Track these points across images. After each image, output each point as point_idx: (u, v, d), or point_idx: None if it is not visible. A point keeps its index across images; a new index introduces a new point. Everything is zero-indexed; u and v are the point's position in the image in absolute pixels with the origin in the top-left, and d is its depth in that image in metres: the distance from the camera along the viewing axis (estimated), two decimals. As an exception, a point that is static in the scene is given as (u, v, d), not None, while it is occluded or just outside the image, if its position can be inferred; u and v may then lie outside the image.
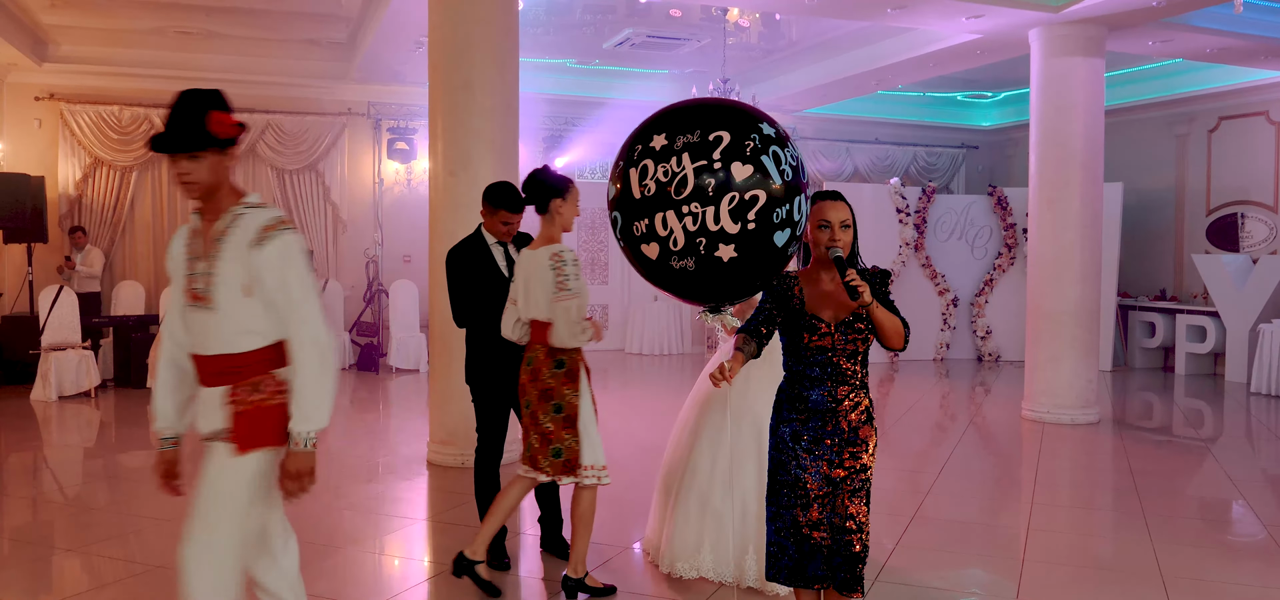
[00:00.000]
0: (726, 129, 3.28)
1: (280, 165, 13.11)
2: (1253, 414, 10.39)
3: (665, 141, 3.37)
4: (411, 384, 12.14)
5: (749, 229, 3.22)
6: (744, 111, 3.38)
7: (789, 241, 3.31)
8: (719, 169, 3.24)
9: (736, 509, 4.88)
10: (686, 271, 3.37)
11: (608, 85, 13.98)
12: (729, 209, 3.22)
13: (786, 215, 3.24)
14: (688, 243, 3.31)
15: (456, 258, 5.04)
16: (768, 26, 11.87)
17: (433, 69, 7.57)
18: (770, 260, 3.30)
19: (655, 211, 3.37)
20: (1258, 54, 10.62)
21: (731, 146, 3.25)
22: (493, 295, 4.90)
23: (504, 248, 5.04)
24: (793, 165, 3.28)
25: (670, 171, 3.32)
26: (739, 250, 3.24)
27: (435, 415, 7.69)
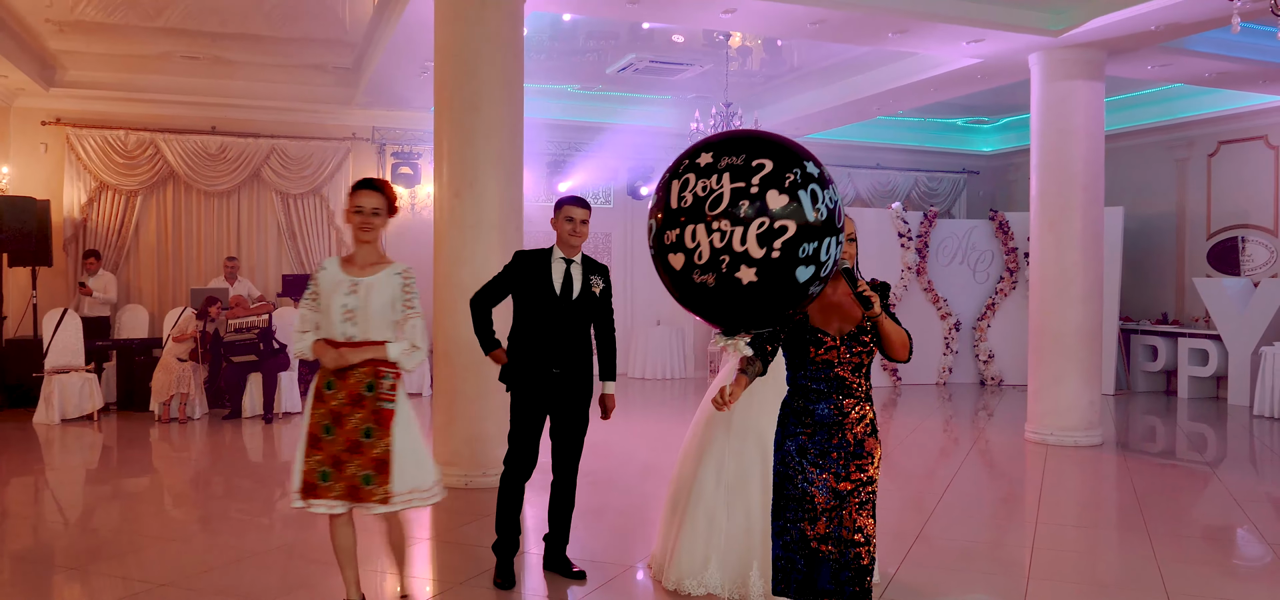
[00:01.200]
0: (771, 158, 3.32)
1: (285, 190, 13.17)
2: (1257, 437, 10.37)
3: (710, 159, 3.41)
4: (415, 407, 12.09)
5: (773, 257, 3.24)
6: (791, 149, 3.42)
7: (812, 279, 3.32)
8: (756, 193, 3.27)
9: (740, 524, 4.89)
10: (706, 287, 3.39)
11: (611, 110, 14.07)
12: (757, 233, 3.26)
13: (813, 252, 3.26)
14: (712, 258, 3.33)
15: (524, 260, 5.16)
16: (770, 52, 11.95)
17: (439, 90, 7.63)
18: (790, 293, 3.31)
19: (687, 223, 3.40)
20: (1256, 78, 10.69)
21: (771, 175, 3.28)
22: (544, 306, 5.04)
23: (567, 265, 5.09)
24: (830, 207, 3.32)
25: (708, 187, 3.36)
26: (759, 276, 3.26)
27: (439, 436, 7.69)
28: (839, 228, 3.35)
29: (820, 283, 3.37)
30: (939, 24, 8.67)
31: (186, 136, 12.68)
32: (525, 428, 5.10)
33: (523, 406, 5.10)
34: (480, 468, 7.46)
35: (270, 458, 9.28)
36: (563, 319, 5.06)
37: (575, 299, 5.08)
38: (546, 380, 5.03)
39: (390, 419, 4.19)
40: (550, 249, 5.12)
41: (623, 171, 14.60)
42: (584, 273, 5.12)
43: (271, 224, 13.30)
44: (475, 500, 7.09)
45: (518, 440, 5.12)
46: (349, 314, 4.18)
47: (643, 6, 8.17)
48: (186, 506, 7.35)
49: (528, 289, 5.07)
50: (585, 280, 5.12)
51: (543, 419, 5.11)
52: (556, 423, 5.13)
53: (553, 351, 5.04)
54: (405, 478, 4.21)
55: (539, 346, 5.03)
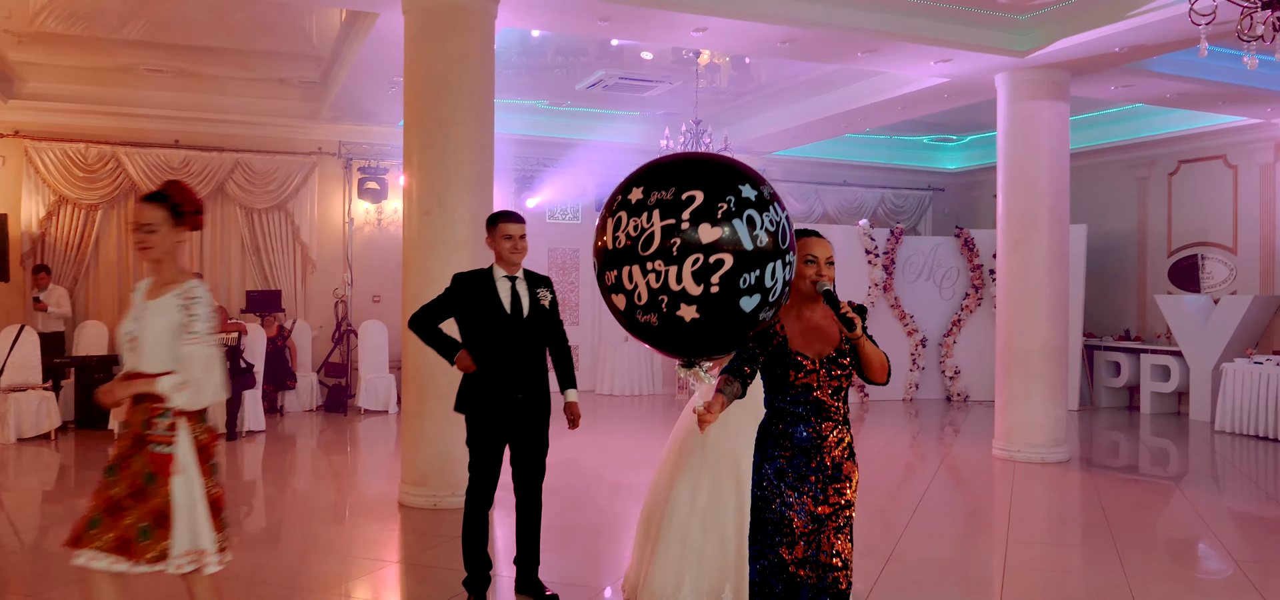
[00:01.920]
0: (702, 188, 3.27)
1: (249, 204, 13.00)
2: (1220, 452, 10.52)
3: (640, 195, 3.37)
4: (380, 425, 12.00)
5: (713, 292, 3.20)
6: (728, 171, 3.36)
7: (760, 306, 3.28)
8: (687, 229, 3.23)
9: (715, 547, 4.86)
10: (651, 326, 3.37)
11: (580, 126, 14.04)
12: (692, 270, 3.21)
13: (756, 281, 3.22)
14: (651, 300, 3.30)
15: (464, 282, 4.97)
16: (738, 70, 11.99)
17: (409, 107, 7.56)
18: (736, 324, 3.28)
19: (622, 264, 3.36)
20: (1216, 99, 10.87)
21: (703, 207, 3.24)
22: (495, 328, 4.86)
23: (511, 283, 4.93)
24: (770, 230, 3.25)
25: (640, 226, 3.31)
26: (701, 311, 3.23)
27: (407, 455, 7.59)
28: (784, 249, 3.30)
29: (771, 308, 3.34)
30: (908, 44, 8.73)
31: (149, 150, 12.48)
32: (487, 458, 4.92)
33: (484, 436, 4.89)
34: (449, 488, 7.37)
35: (233, 477, 9.12)
36: (518, 339, 4.90)
37: (527, 317, 4.92)
38: (509, 406, 4.86)
39: (168, 464, 3.54)
40: (490, 269, 4.93)
41: (591, 187, 14.56)
42: (530, 287, 4.97)
43: (235, 239, 13.12)
44: (443, 521, 7.00)
45: (480, 472, 4.94)
46: (131, 341, 3.67)
47: (614, 24, 8.16)
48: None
49: (474, 313, 4.88)
50: (533, 295, 4.97)
51: (504, 446, 4.95)
52: (519, 447, 4.97)
53: (513, 375, 4.86)
54: (185, 538, 3.56)
55: (497, 371, 4.84)
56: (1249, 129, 12.46)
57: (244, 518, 7.50)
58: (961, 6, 8.73)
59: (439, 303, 4.95)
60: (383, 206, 13.66)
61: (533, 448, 4.97)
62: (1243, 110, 11.52)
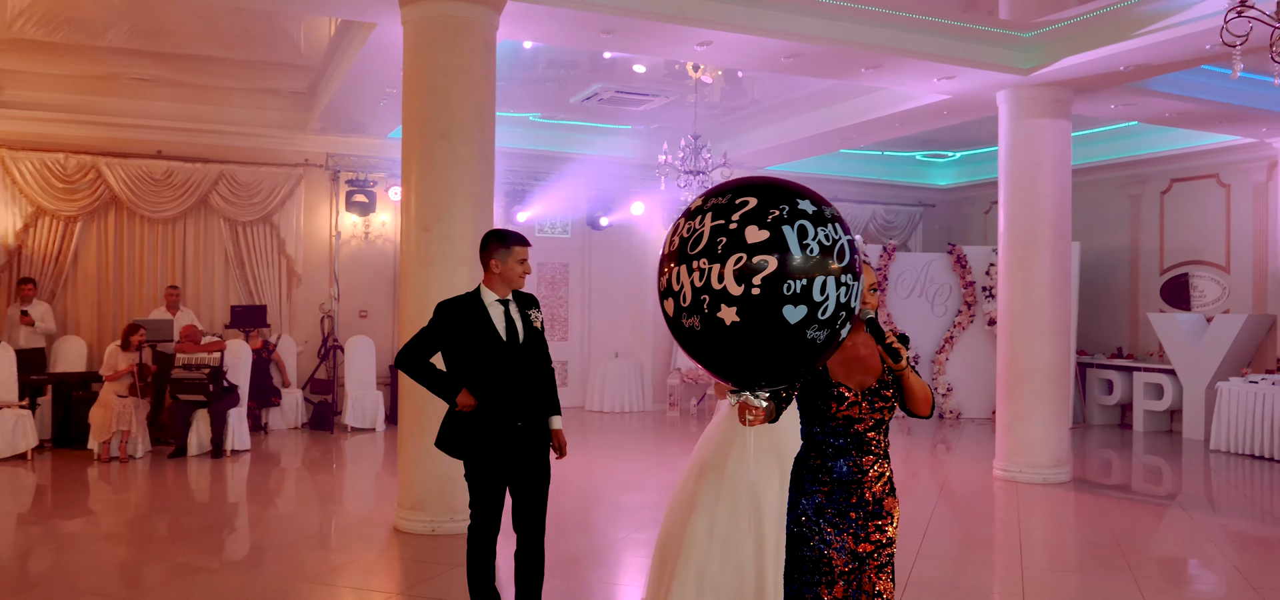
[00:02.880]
0: (758, 196, 3.14)
1: (233, 216, 12.72)
2: (1221, 473, 10.45)
3: (700, 204, 3.26)
4: (368, 444, 11.74)
5: (753, 294, 3.05)
6: (788, 189, 3.23)
7: (808, 321, 3.10)
8: (734, 228, 3.10)
9: (732, 581, 4.68)
10: (694, 331, 3.21)
11: (574, 140, 13.87)
12: (734, 269, 3.07)
13: (802, 290, 3.05)
14: (694, 299, 3.17)
15: (452, 310, 4.63)
16: (730, 84, 11.87)
17: (408, 120, 7.36)
18: (780, 335, 3.11)
19: (674, 265, 3.25)
20: (1212, 119, 10.85)
21: (754, 211, 3.11)
22: (491, 356, 4.56)
23: (504, 307, 4.64)
24: (824, 244, 3.10)
25: (692, 229, 3.20)
26: (742, 314, 3.08)
27: (404, 478, 7.36)
28: (839, 267, 3.13)
29: (823, 327, 3.15)
30: (912, 60, 8.63)
31: (130, 160, 12.19)
32: (491, 494, 4.59)
33: (485, 471, 4.56)
34: (448, 513, 7.15)
35: (218, 498, 8.85)
36: (516, 366, 4.57)
37: (522, 342, 4.60)
38: (510, 437, 4.55)
39: None
40: (478, 293, 4.61)
41: (582, 202, 14.39)
42: (521, 310, 4.66)
43: (219, 252, 12.83)
44: (443, 548, 6.78)
45: (485, 508, 4.60)
46: None
47: (617, 37, 8.00)
48: (126, 550, 6.92)
49: (466, 341, 4.53)
50: (525, 317, 4.66)
51: (506, 479, 4.63)
52: (521, 480, 4.62)
53: (514, 404, 4.55)
54: None
55: (497, 402, 4.52)
56: (1243, 148, 12.46)
57: (228, 540, 7.25)
58: (965, 24, 8.64)
59: (427, 336, 4.61)
60: (371, 220, 13.42)
61: (535, 480, 4.67)
62: (1238, 130, 11.51)
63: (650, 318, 15.32)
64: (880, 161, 16.28)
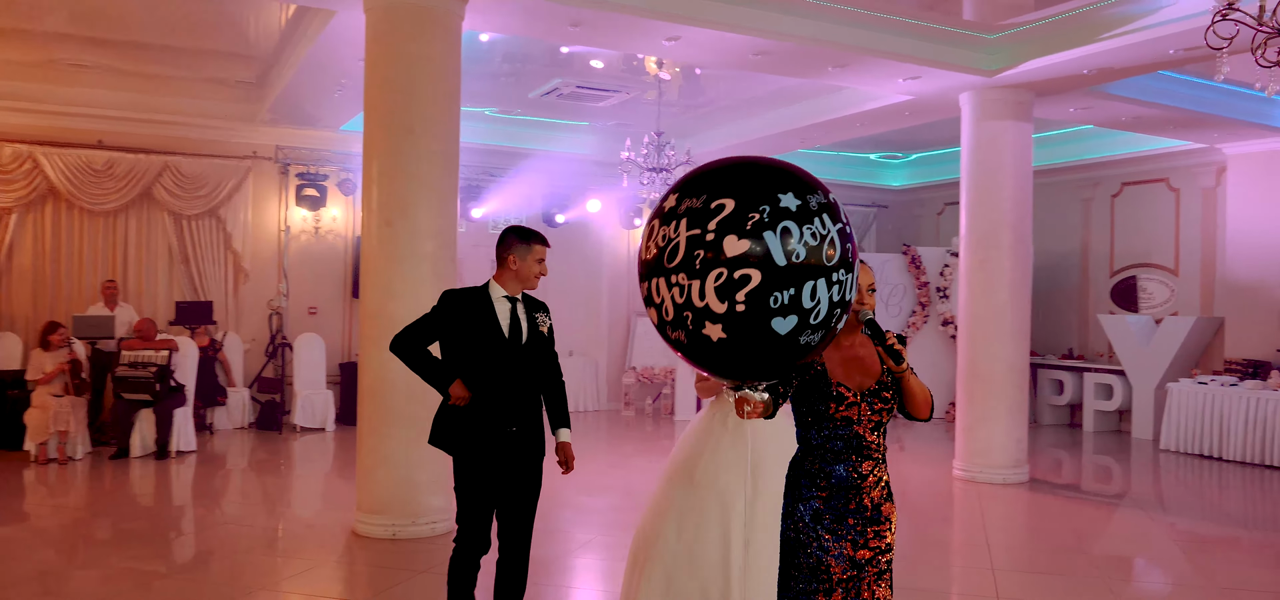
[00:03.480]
0: (734, 196, 2.96)
1: (178, 210, 12.29)
2: (1174, 472, 10.61)
3: (674, 203, 3.08)
4: (318, 444, 11.43)
5: (738, 310, 2.90)
6: (770, 178, 3.05)
7: (800, 329, 2.95)
8: (712, 240, 2.92)
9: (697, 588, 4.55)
10: (680, 343, 3.07)
11: (530, 136, 13.65)
12: (715, 286, 2.91)
13: (791, 300, 2.90)
14: (676, 315, 3.01)
15: (456, 300, 4.46)
16: (688, 81, 11.76)
17: (370, 110, 7.12)
18: (770, 347, 2.96)
19: (652, 276, 3.08)
20: (1167, 123, 11.01)
21: (731, 217, 2.93)
22: (492, 353, 4.39)
23: (512, 305, 4.47)
24: (811, 244, 2.94)
25: (667, 237, 3.03)
26: (727, 331, 2.93)
27: (364, 481, 7.13)
28: (831, 265, 2.99)
29: (817, 331, 3.02)
30: (879, 60, 8.60)
31: (69, 150, 11.71)
32: (480, 500, 4.39)
33: (475, 476, 4.37)
34: (410, 517, 6.95)
35: (163, 501, 8.52)
36: (516, 367, 4.42)
37: (525, 343, 4.45)
38: (503, 441, 4.39)
39: None
40: (486, 287, 4.46)
41: (538, 199, 14.19)
42: (528, 312, 4.51)
43: (162, 247, 12.39)
44: (406, 553, 6.58)
45: (473, 518, 4.39)
46: None
47: (585, 30, 7.84)
48: (64, 556, 6.59)
49: (468, 335, 4.37)
50: (532, 320, 4.50)
51: (496, 486, 4.43)
52: (509, 488, 4.43)
53: (509, 407, 4.38)
54: None
55: (492, 402, 4.35)
56: (1193, 153, 12.68)
57: (177, 545, 6.95)
58: (932, 24, 8.64)
59: (427, 323, 4.45)
60: (321, 214, 13.08)
61: (525, 489, 4.49)
62: (1190, 135, 11.71)
63: (605, 315, 15.18)
64: (837, 162, 16.30)
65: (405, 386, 6.87)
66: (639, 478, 10.13)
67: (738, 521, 4.58)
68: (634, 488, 9.58)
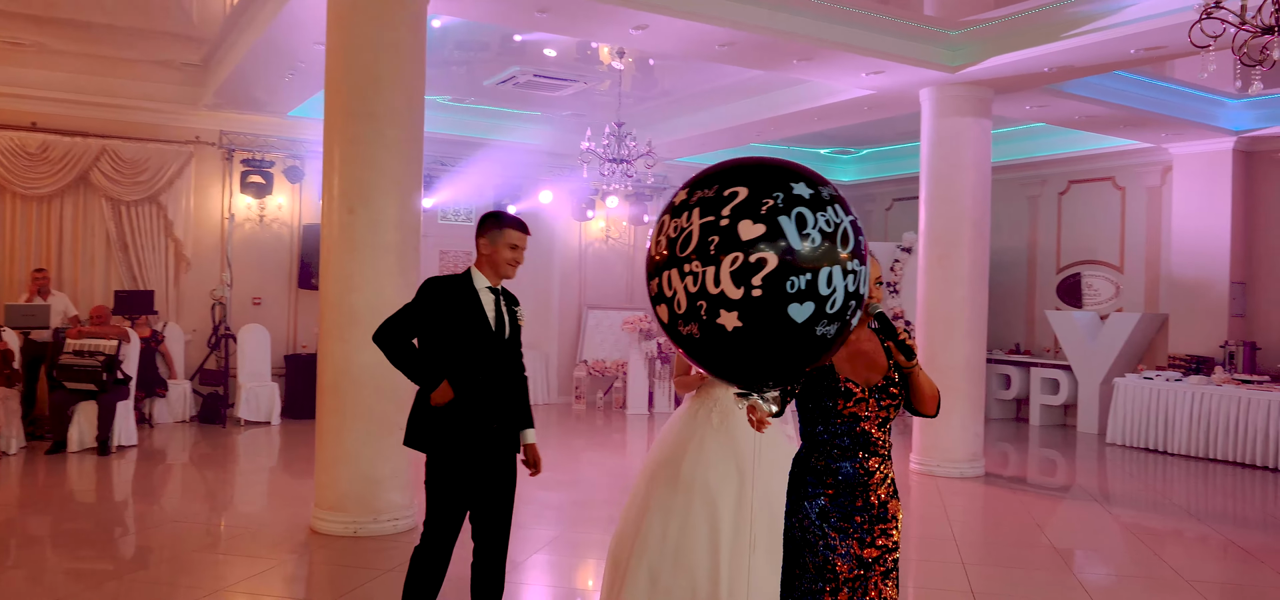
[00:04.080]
0: (747, 184, 2.89)
1: (116, 196, 11.83)
2: (1122, 465, 10.80)
3: (685, 197, 2.98)
4: (264, 439, 11.10)
5: (754, 295, 2.81)
6: (782, 170, 2.99)
7: (817, 318, 2.87)
8: (726, 225, 2.84)
9: (685, 587, 4.45)
10: (693, 338, 2.96)
11: (483, 126, 13.42)
12: (731, 270, 2.82)
13: (808, 286, 2.83)
14: (689, 306, 2.91)
15: (440, 290, 4.24)
16: (642, 73, 11.67)
17: (332, 97, 6.89)
18: (787, 337, 2.88)
19: (664, 270, 2.97)
20: (1118, 122, 11.20)
21: (745, 202, 2.86)
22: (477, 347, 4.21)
23: (496, 296, 4.28)
24: (825, 231, 2.87)
25: (680, 228, 2.93)
26: (743, 318, 2.83)
27: (323, 477, 6.90)
28: (845, 255, 2.92)
29: (832, 321, 2.94)
30: (844, 53, 8.58)
31: (2, 132, 11.20)
32: (454, 502, 4.17)
33: (452, 475, 4.15)
34: (371, 513, 6.74)
35: (106, 498, 8.18)
36: (500, 362, 4.25)
37: (508, 337, 4.29)
38: (484, 438, 4.20)
39: None
40: (468, 276, 4.25)
41: (489, 189, 13.96)
42: (508, 304, 4.33)
43: (100, 234, 11.93)
44: (367, 551, 6.39)
45: (447, 519, 4.17)
46: None
47: (552, 16, 7.68)
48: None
49: (452, 326, 4.17)
50: (511, 313, 4.34)
51: (473, 486, 4.22)
52: (487, 488, 4.22)
53: (493, 402, 4.21)
54: None
55: (475, 397, 4.16)
56: (1138, 152, 12.94)
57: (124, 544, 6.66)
58: (896, 20, 8.65)
59: (410, 313, 4.23)
60: (267, 202, 12.70)
61: (502, 489, 4.30)
62: (1139, 135, 11.93)
63: (556, 308, 15.01)
64: (787, 156, 16.31)
65: (368, 380, 6.69)
66: (593, 472, 10.04)
67: (726, 519, 4.48)
68: (591, 482, 9.48)
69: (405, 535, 6.75)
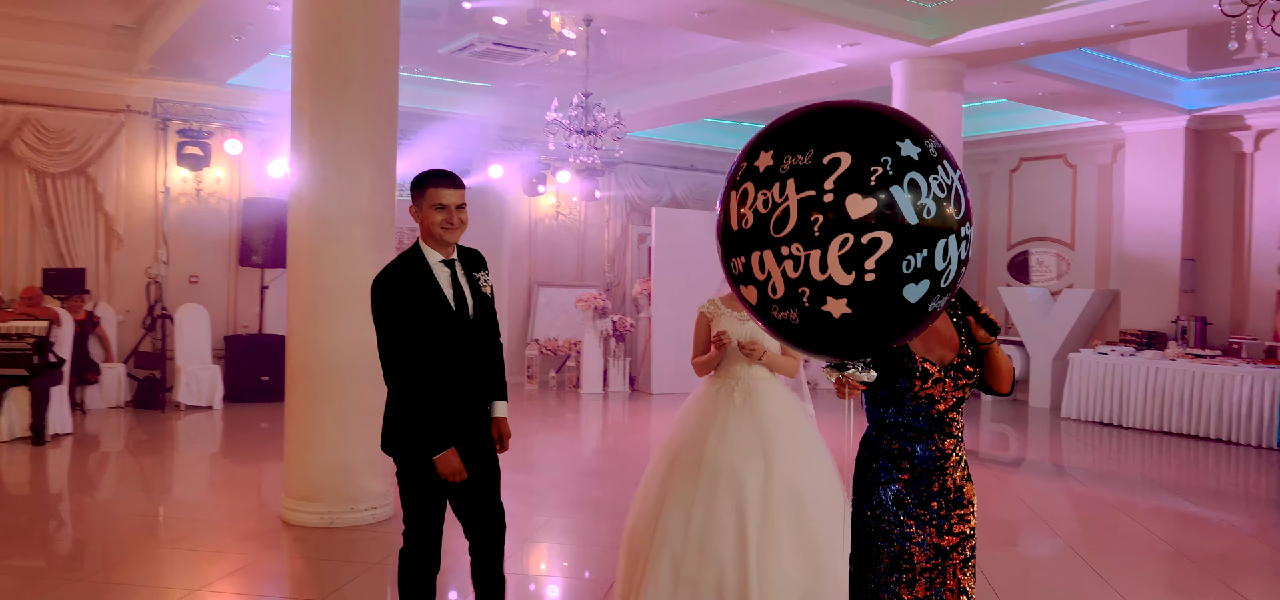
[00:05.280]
0: (849, 149, 2.58)
1: (41, 167, 11.07)
2: (1080, 438, 10.91)
3: (771, 162, 2.65)
4: (207, 425, 10.54)
5: (867, 280, 2.53)
6: (885, 122, 2.68)
7: (930, 294, 2.61)
8: (831, 201, 2.54)
9: (712, 578, 4.21)
10: (790, 323, 2.66)
11: (433, 97, 12.94)
12: (840, 254, 2.53)
13: (924, 263, 2.56)
14: (789, 292, 2.59)
15: (394, 282, 3.73)
16: (594, 43, 11.32)
17: (301, 60, 6.45)
18: (901, 318, 2.61)
19: (752, 249, 2.64)
20: (1080, 99, 11.25)
21: (850, 173, 2.56)
22: (441, 331, 3.77)
23: (450, 269, 3.83)
24: (939, 197, 2.60)
25: (771, 201, 2.60)
26: (853, 305, 2.55)
27: (295, 464, 6.49)
28: (961, 218, 2.67)
29: (944, 295, 2.71)
30: (822, 23, 8.40)
31: (-88, 98, 10.39)
32: (434, 504, 3.81)
33: (429, 475, 3.73)
34: (347, 503, 6.37)
35: (44, 492, 7.62)
36: (467, 341, 3.81)
37: (473, 312, 3.84)
38: (463, 427, 3.79)
39: None
40: (415, 251, 3.76)
41: (437, 162, 13.43)
42: (467, 272, 3.86)
43: (24, 208, 11.15)
44: (346, 543, 6.03)
45: (423, 517, 3.81)
46: None
47: (530, -21, 7.33)
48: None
49: (413, 316, 3.69)
50: (472, 281, 3.86)
51: (444, 487, 3.81)
52: (472, 480, 3.81)
53: (464, 389, 3.80)
54: None
55: (447, 386, 3.74)
56: (1090, 130, 13.08)
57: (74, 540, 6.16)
58: (875, -11, 8.51)
59: (398, 324, 3.69)
60: (204, 175, 12.03)
61: (488, 474, 3.91)
62: (1096, 112, 12.04)
63: (506, 285, 14.61)
64: (737, 132, 16.15)
65: (342, 361, 6.32)
66: (554, 453, 9.76)
67: (753, 503, 4.24)
68: (554, 463, 9.19)
69: (383, 524, 6.41)
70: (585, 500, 7.65)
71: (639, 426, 11.66)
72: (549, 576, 5.83)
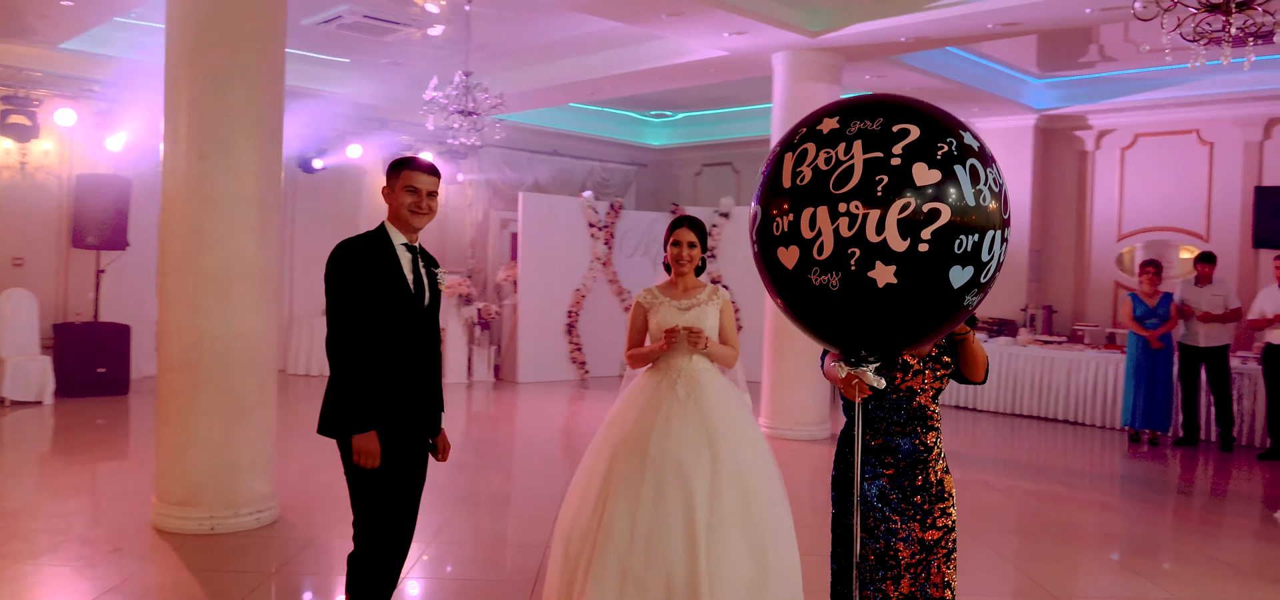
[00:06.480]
0: (918, 124, 2.58)
1: None
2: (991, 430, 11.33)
3: (836, 125, 2.61)
4: (37, 422, 9.61)
5: (920, 250, 2.52)
6: (949, 117, 2.71)
7: (970, 286, 2.62)
8: (898, 165, 2.53)
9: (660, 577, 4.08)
10: (828, 291, 2.59)
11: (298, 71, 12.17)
12: (899, 217, 2.50)
13: (973, 249, 2.57)
14: (837, 252, 2.55)
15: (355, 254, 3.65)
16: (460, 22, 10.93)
17: (177, 22, 5.90)
18: (940, 300, 2.61)
19: (805, 205, 2.59)
20: (944, 96, 11.56)
21: (918, 144, 2.55)
22: (399, 313, 3.67)
23: (413, 254, 3.74)
24: (993, 190, 2.63)
25: (834, 157, 2.56)
26: (900, 276, 2.53)
27: (168, 468, 5.94)
28: (1004, 220, 2.71)
29: (980, 293, 2.72)
30: (713, 10, 8.35)
31: None
32: (387, 494, 3.69)
33: (388, 465, 3.64)
34: (231, 507, 5.89)
35: None
36: (419, 328, 3.76)
37: (428, 300, 3.80)
38: (412, 419, 3.74)
39: None
40: (381, 230, 3.72)
41: (294, 140, 12.74)
42: (427, 265, 3.84)
43: None
44: (231, 550, 5.59)
45: (381, 516, 3.69)
46: None
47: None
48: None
49: (369, 291, 3.61)
50: (431, 274, 3.84)
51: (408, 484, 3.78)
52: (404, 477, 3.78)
53: (409, 377, 3.72)
54: None
55: (404, 373, 3.68)
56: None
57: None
58: (764, -21, 8.53)
59: (350, 296, 3.58)
60: (30, 148, 10.95)
61: (418, 471, 3.85)
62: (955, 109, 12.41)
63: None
64: (600, 118, 16.06)
65: (223, 353, 5.86)
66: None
67: (701, 497, 4.12)
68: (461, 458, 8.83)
69: (269, 528, 5.98)
70: (469, 495, 7.36)
71: (505, 417, 11.41)
72: (456, 578, 5.56)
